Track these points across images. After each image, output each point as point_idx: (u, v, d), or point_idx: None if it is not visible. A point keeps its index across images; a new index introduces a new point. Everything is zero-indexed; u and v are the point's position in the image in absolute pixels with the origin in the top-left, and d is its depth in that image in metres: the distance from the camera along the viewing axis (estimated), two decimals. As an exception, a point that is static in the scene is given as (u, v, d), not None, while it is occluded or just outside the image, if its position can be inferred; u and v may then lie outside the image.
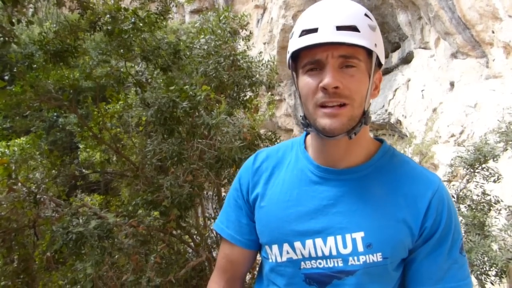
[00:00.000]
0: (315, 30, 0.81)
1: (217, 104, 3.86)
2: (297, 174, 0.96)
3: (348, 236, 0.88)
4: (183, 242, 4.21)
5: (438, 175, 0.95)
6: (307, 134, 1.02)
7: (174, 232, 4.29)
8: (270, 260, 0.98)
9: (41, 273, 4.10)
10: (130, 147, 4.73)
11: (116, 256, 3.56)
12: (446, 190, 0.91)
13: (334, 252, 0.89)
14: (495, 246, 2.41)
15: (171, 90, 3.27)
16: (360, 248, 0.88)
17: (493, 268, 2.40)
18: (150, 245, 3.86)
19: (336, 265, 0.89)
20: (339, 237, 0.89)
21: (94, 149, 4.56)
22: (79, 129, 4.57)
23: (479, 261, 2.41)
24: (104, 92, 4.60)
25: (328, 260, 0.90)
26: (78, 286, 3.41)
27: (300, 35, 0.83)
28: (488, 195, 2.67)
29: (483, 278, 2.45)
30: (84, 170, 4.80)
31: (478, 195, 2.70)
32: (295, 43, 0.84)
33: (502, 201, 2.62)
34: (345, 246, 0.88)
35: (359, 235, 0.88)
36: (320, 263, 0.91)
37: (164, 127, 3.26)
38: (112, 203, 5.08)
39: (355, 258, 0.88)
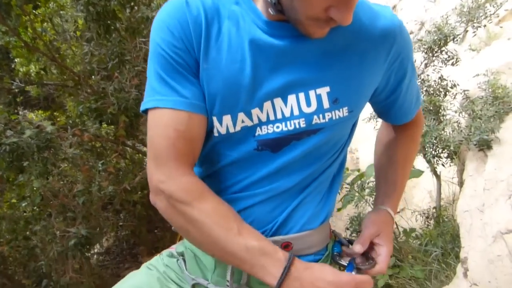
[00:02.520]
0: None
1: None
2: (245, 28, 0.76)
3: (311, 93, 0.77)
4: (137, 151, 4.06)
5: (389, 8, 0.84)
6: None
7: (129, 142, 4.13)
8: (216, 134, 0.80)
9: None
10: (71, 56, 4.29)
11: (66, 168, 3.39)
12: (398, 18, 0.83)
13: (296, 112, 0.77)
14: (448, 129, 2.40)
15: (102, -21, 2.82)
16: (326, 104, 0.77)
17: (446, 150, 2.41)
18: (103, 157, 3.70)
19: (297, 126, 0.78)
20: (301, 95, 0.77)
21: (27, 59, 4.08)
22: (7, 38, 4.02)
23: (431, 144, 2.41)
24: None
25: (289, 122, 0.78)
26: (27, 203, 3.25)
27: None
28: (445, 79, 2.59)
29: (434, 160, 2.47)
30: (21, 84, 4.35)
31: (435, 81, 2.62)
32: None
33: (458, 85, 2.56)
34: (308, 104, 0.77)
35: (324, 90, 0.77)
36: (278, 127, 0.78)
37: (97, 23, 2.87)
38: (59, 118, 4.74)
39: (320, 116, 0.78)
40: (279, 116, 0.78)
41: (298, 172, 0.83)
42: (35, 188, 3.00)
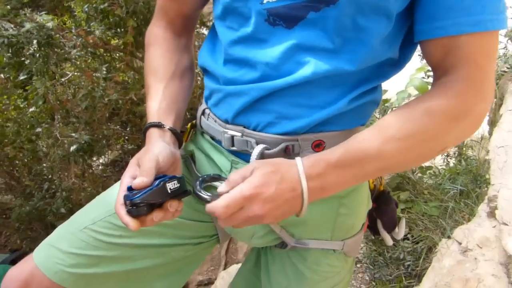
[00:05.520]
0: None
1: None
2: None
3: None
4: (147, 63, 3.86)
5: None
6: None
7: (139, 54, 3.92)
8: None
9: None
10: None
11: (73, 77, 3.23)
12: None
13: None
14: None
15: None
16: None
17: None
18: (110, 67, 3.52)
19: None
20: None
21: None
22: None
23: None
24: None
25: None
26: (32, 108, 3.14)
27: None
28: None
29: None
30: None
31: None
32: None
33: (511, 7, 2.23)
34: None
35: None
36: None
37: None
38: (67, 22, 4.49)
39: None
40: None
41: None
42: (37, 89, 2.86)
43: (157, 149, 0.70)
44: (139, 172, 0.66)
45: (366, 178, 0.64)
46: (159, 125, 0.76)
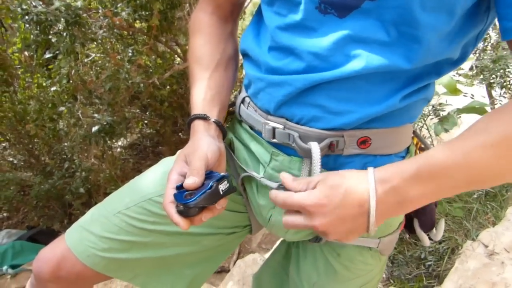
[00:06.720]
0: None
1: None
2: None
3: None
4: (170, 48, 3.84)
5: None
6: None
7: (163, 38, 3.91)
8: None
9: (20, 72, 3.85)
10: None
11: (96, 57, 3.24)
12: None
13: None
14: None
15: None
16: None
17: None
18: (133, 47, 3.52)
19: None
20: None
21: None
22: None
23: (504, 72, 2.08)
24: None
25: None
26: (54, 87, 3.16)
27: None
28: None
29: (501, 92, 2.16)
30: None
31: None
32: None
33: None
34: None
35: None
36: None
37: None
38: (93, 5, 4.50)
39: None
40: None
41: None
42: (62, 68, 2.88)
43: (205, 145, 0.68)
44: (188, 170, 0.64)
45: (455, 190, 0.58)
46: (204, 117, 0.73)
